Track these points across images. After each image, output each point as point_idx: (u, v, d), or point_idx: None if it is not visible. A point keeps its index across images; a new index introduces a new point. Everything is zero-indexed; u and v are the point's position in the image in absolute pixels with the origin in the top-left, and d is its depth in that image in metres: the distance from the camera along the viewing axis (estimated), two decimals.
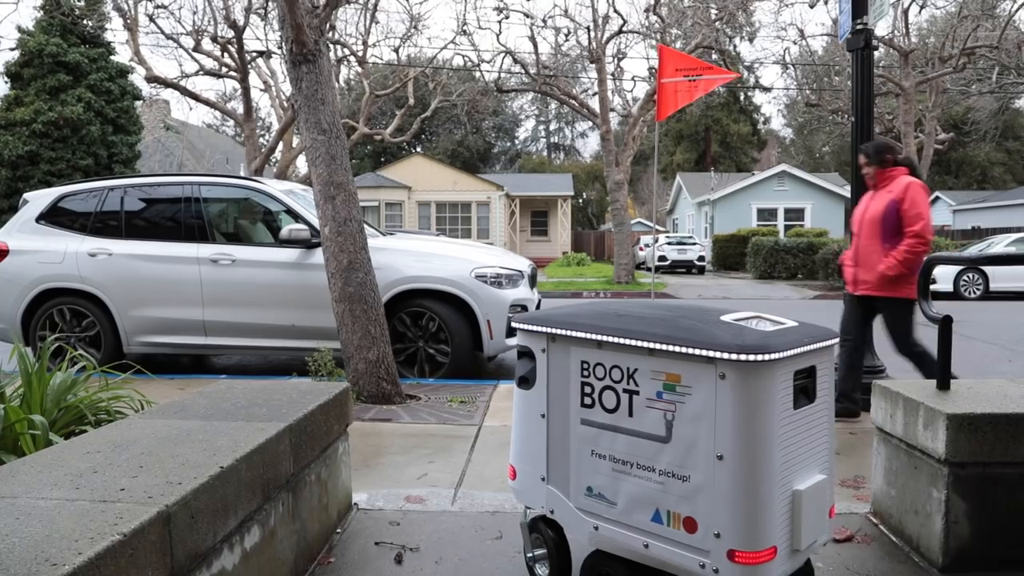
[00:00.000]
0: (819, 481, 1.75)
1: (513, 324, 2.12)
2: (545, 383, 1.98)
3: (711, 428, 1.64)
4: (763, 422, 1.61)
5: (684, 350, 1.65)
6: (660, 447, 1.73)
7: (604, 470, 1.85)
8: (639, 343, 1.73)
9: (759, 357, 1.57)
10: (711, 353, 1.61)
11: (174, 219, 5.93)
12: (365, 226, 5.03)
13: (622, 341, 1.76)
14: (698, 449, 1.66)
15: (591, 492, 1.89)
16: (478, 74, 22.13)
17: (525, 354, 2.04)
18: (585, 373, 1.88)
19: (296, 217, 5.75)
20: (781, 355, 1.60)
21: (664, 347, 1.68)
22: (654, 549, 1.76)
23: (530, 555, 2.15)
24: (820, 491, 1.75)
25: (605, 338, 1.80)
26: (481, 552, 2.39)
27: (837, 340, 1.84)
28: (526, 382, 2.03)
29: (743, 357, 1.57)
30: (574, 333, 1.88)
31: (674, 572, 1.77)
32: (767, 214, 29.23)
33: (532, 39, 18.57)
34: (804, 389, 1.74)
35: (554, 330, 1.93)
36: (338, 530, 2.56)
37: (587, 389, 1.88)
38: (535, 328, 1.99)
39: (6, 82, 20.43)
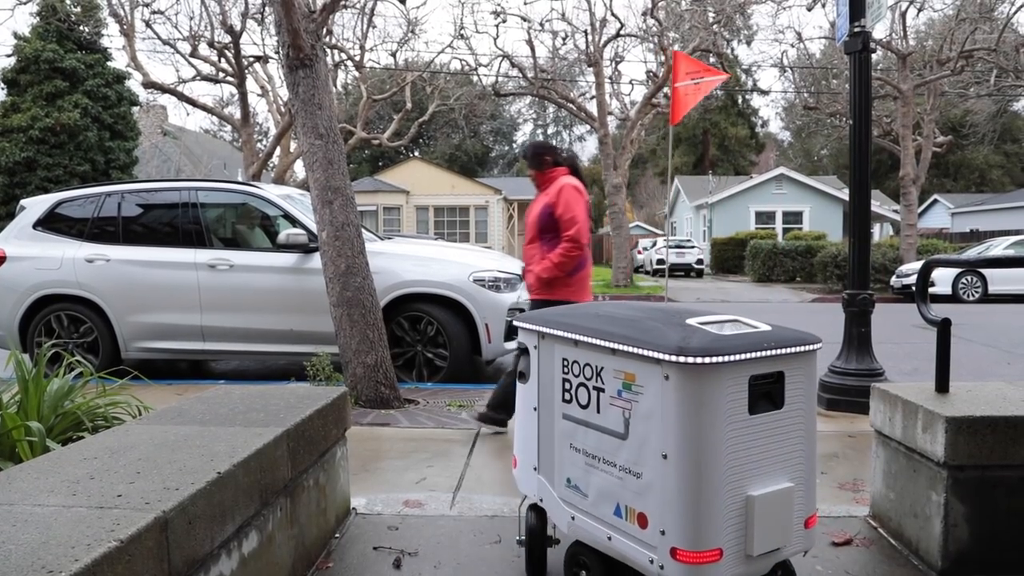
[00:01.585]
0: (783, 488, 1.72)
1: (513, 322, 2.23)
2: (536, 379, 2.08)
3: (660, 427, 1.67)
4: (706, 424, 1.62)
5: (636, 351, 1.71)
6: (620, 443, 1.79)
7: (579, 463, 1.94)
8: (603, 343, 1.80)
9: (699, 360, 1.59)
10: (657, 354, 1.65)
11: (171, 224, 5.92)
12: (363, 230, 5.02)
13: (591, 340, 1.84)
14: (649, 447, 1.70)
15: (569, 483, 1.98)
16: (476, 78, 22.17)
17: (524, 351, 2.15)
18: (565, 370, 1.97)
19: (293, 222, 5.74)
20: (725, 359, 1.60)
21: (622, 347, 1.75)
22: (615, 542, 1.82)
23: (519, 539, 2.29)
24: (783, 499, 1.72)
25: (579, 337, 1.89)
26: (480, 556, 2.39)
27: (813, 346, 1.78)
28: (523, 377, 2.14)
29: (683, 359, 1.59)
30: (557, 332, 1.97)
31: (632, 566, 1.81)
32: (765, 217, 29.26)
33: (529, 43, 18.61)
34: (768, 395, 1.71)
35: (543, 328, 2.03)
36: (337, 535, 2.56)
37: (567, 385, 1.97)
38: (529, 326, 2.10)
39: (3, 88, 20.42)
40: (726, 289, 18.92)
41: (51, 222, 6.02)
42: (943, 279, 14.63)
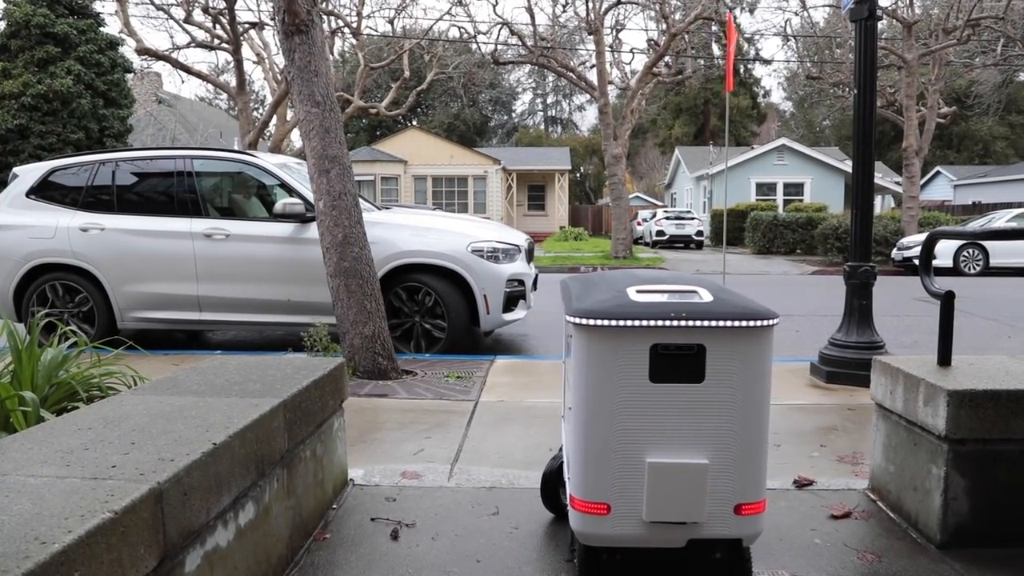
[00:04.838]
0: (691, 464, 1.68)
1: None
2: (564, 336, 2.23)
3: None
4: (593, 385, 1.69)
5: (565, 311, 1.84)
6: (567, 394, 1.95)
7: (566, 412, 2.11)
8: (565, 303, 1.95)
9: (587, 322, 1.67)
10: (566, 315, 1.76)
11: (167, 193, 5.86)
12: (360, 200, 4.97)
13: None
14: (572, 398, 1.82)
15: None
16: (474, 46, 21.84)
17: None
18: (567, 329, 2.13)
19: (290, 191, 5.68)
20: (613, 323, 1.65)
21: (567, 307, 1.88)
22: (567, 484, 1.94)
23: None
24: (690, 473, 1.68)
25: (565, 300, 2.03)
26: (478, 528, 2.38)
27: (752, 322, 1.65)
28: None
29: (576, 320, 1.69)
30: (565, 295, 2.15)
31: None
32: (766, 188, 29.11)
33: (529, 10, 18.31)
34: (679, 366, 1.68)
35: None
36: (334, 506, 2.55)
37: (567, 342, 2.11)
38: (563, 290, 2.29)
39: None
40: (726, 261, 18.84)
41: (45, 190, 5.95)
42: (944, 252, 14.60)
